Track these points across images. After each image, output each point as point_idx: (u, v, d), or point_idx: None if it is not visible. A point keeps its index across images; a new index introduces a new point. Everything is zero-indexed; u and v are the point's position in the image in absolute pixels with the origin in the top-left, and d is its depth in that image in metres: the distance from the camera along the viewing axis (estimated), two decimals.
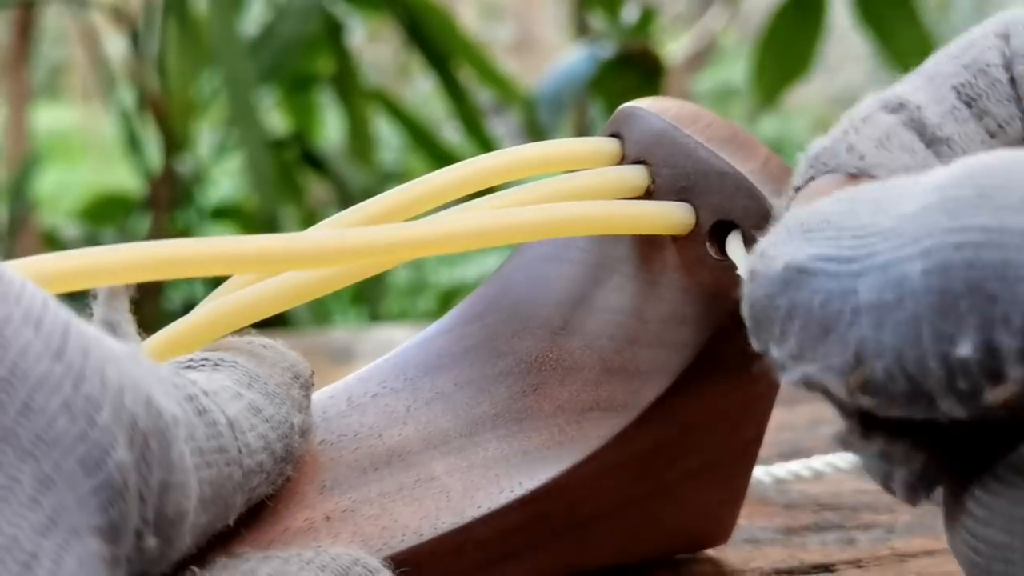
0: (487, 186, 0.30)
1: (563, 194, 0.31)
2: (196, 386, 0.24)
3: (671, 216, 0.31)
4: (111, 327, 0.23)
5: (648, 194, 0.31)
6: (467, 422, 0.31)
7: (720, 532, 0.34)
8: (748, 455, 0.33)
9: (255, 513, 0.27)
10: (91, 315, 0.24)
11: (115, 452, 0.20)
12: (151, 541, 0.21)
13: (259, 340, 0.29)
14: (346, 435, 0.30)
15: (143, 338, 0.26)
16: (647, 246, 0.31)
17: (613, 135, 0.33)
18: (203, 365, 0.26)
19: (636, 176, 0.31)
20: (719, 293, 0.30)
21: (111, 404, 0.20)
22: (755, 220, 0.30)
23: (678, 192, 0.31)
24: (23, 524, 0.19)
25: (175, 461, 0.21)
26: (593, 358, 0.31)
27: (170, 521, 0.21)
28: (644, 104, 0.33)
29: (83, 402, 0.20)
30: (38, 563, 0.18)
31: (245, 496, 0.25)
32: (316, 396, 0.30)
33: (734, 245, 0.30)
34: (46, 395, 0.19)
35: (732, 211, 0.30)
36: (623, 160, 0.32)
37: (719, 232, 0.30)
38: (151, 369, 0.22)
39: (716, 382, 0.31)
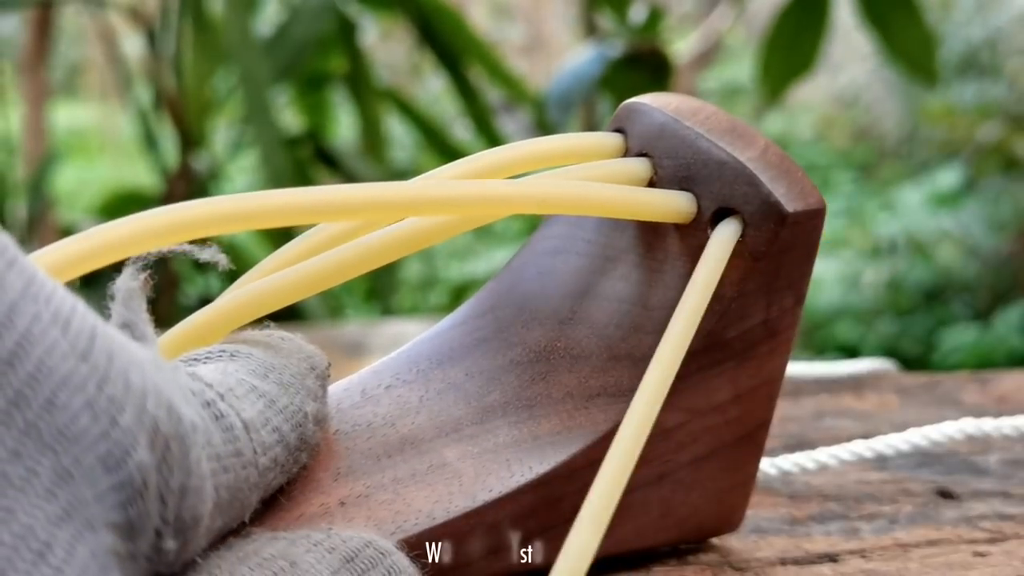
0: (493, 179, 0.31)
1: (568, 187, 0.31)
2: (212, 391, 0.24)
3: (673, 204, 0.31)
4: (129, 328, 0.24)
5: (651, 185, 0.32)
6: (478, 410, 0.31)
7: (731, 519, 0.34)
8: (756, 441, 0.33)
9: (271, 500, 0.27)
10: (109, 315, 0.24)
11: (136, 453, 0.20)
12: (170, 543, 0.21)
13: (277, 332, 0.29)
14: (360, 425, 0.30)
15: (159, 334, 0.26)
16: (650, 235, 0.32)
17: (617, 130, 0.33)
18: (220, 356, 0.27)
19: (639, 168, 0.32)
20: (721, 279, 0.30)
21: (134, 407, 0.20)
22: (755, 206, 0.30)
23: (680, 182, 0.31)
24: (38, 514, 0.19)
25: (192, 466, 0.22)
26: (600, 346, 0.32)
27: (187, 524, 0.22)
28: (646, 100, 0.33)
29: (106, 402, 0.20)
30: (51, 552, 0.19)
31: (261, 493, 0.26)
32: (331, 389, 0.31)
33: (723, 232, 0.30)
34: (70, 393, 0.20)
35: (732, 198, 0.31)
36: (626, 154, 0.33)
37: (720, 219, 0.31)
38: (172, 376, 0.23)
39: (721, 366, 0.31)
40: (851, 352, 2.33)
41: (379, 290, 1.62)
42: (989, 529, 0.36)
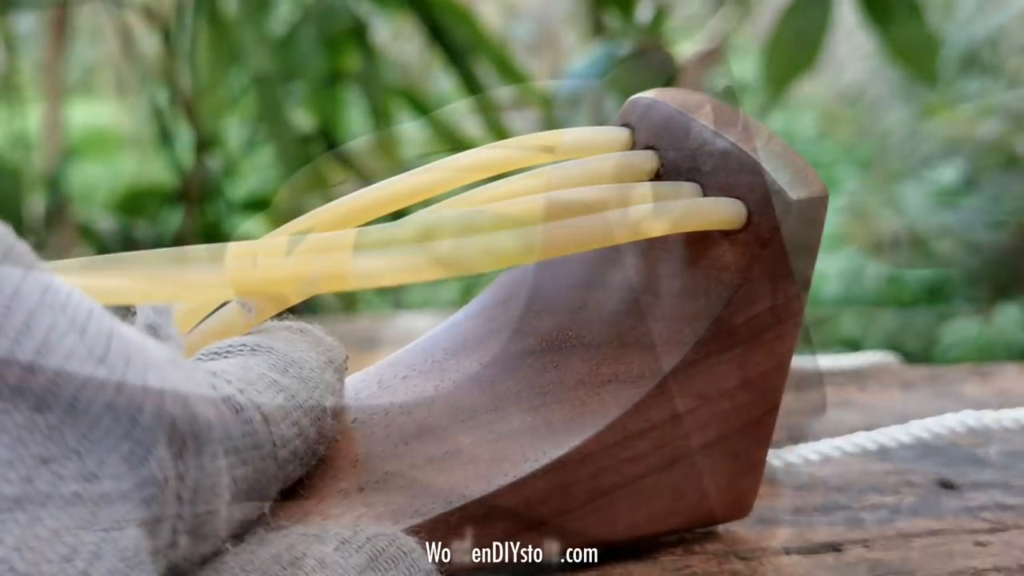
0: (505, 170, 0.32)
1: (576, 178, 0.31)
2: (232, 385, 0.24)
3: (680, 195, 0.32)
4: (153, 329, 0.24)
5: (657, 176, 0.33)
6: (492, 398, 0.32)
7: (741, 505, 0.34)
8: (765, 427, 0.34)
9: (292, 485, 0.28)
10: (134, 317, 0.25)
11: (156, 450, 0.21)
12: (184, 538, 0.22)
13: (296, 324, 0.29)
14: (377, 414, 0.31)
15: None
16: None
17: (624, 125, 0.34)
18: (241, 351, 0.27)
19: (645, 160, 0.33)
20: (727, 266, 0.31)
21: (152, 406, 0.21)
22: (760, 194, 0.31)
23: (686, 172, 0.32)
24: (64, 518, 0.19)
25: (206, 464, 0.22)
26: (611, 334, 0.32)
27: (201, 520, 0.22)
28: (652, 95, 0.34)
29: (126, 404, 0.20)
30: (78, 556, 0.19)
31: (280, 484, 0.26)
32: (348, 380, 0.31)
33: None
34: (90, 396, 0.20)
35: (737, 187, 0.31)
36: (633, 147, 0.34)
37: None
38: (190, 373, 0.23)
39: (729, 352, 0.32)
40: (854, 346, 2.33)
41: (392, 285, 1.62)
42: (989, 519, 0.37)
